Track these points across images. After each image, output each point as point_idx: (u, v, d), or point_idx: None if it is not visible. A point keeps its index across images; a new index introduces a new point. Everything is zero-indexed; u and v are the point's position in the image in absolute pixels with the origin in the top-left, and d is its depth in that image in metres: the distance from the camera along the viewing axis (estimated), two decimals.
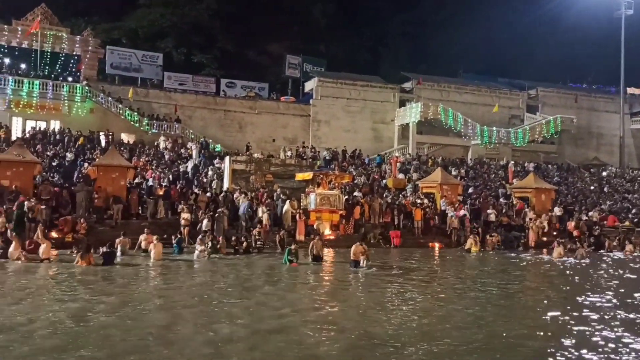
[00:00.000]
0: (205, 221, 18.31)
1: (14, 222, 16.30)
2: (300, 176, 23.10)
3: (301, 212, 20.59)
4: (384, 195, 25.00)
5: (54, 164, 23.74)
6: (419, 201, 24.34)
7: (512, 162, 35.62)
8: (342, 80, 38.88)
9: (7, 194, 18.00)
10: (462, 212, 22.92)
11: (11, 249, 14.22)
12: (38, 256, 14.13)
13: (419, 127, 37.53)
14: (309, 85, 40.23)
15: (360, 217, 21.99)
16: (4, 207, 16.89)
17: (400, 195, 25.70)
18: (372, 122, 38.75)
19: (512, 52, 52.42)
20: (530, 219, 24.14)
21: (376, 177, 29.47)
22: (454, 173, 30.45)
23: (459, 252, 20.08)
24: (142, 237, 16.45)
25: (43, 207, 17.20)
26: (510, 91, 43.18)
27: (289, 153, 30.57)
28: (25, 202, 16.98)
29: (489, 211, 24.06)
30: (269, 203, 20.90)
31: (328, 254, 17.25)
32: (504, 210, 25.10)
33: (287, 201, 21.00)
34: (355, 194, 24.57)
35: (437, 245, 21.43)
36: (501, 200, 27.25)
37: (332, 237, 20.20)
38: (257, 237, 18.09)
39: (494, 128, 38.47)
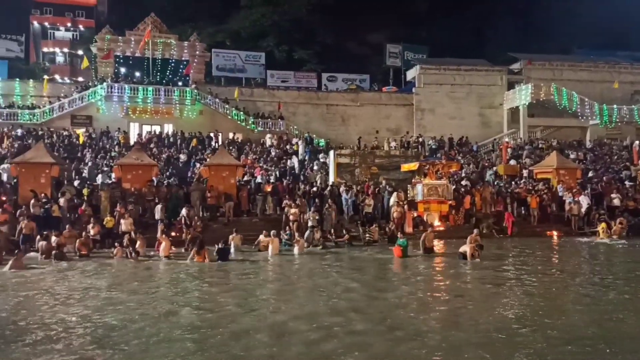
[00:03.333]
0: (312, 216, 18.21)
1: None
2: (405, 167, 22.34)
3: (408, 203, 19.87)
4: (495, 183, 23.48)
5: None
6: (533, 188, 22.57)
7: (638, 141, 31.63)
8: (445, 66, 37.18)
9: (128, 195, 19.25)
10: (581, 198, 21.12)
11: (137, 247, 15.11)
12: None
13: (530, 109, 34.85)
14: (411, 74, 39.06)
15: (470, 206, 20.87)
16: (129, 208, 18.05)
17: (513, 183, 24.01)
18: (479, 108, 36.58)
19: (634, 22, 46.58)
20: None
21: (486, 164, 27.83)
22: (571, 157, 28.33)
23: (578, 239, 18.62)
24: (260, 237, 16.25)
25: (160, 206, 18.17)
26: (631, 65, 38.56)
27: (393, 144, 29.75)
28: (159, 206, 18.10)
29: (612, 195, 21.82)
30: (374, 196, 20.39)
31: (438, 245, 16.51)
32: (629, 194, 22.55)
33: (394, 193, 20.33)
34: (464, 182, 23.26)
35: (555, 233, 19.86)
36: (626, 183, 24.52)
37: (441, 228, 19.45)
38: (367, 230, 17.67)
39: (615, 106, 34.52)
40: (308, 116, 35.64)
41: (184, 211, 17.81)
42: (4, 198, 18.32)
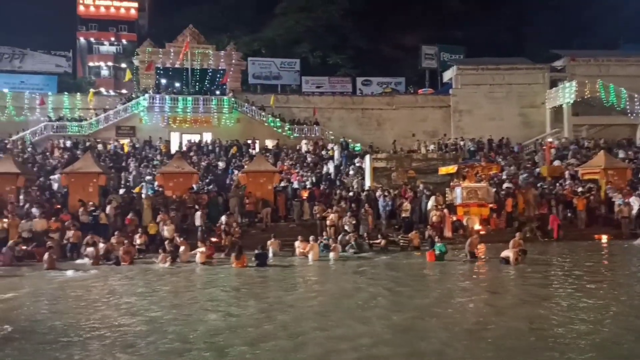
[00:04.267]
0: (348, 221, 18.19)
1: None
2: (443, 170, 22.01)
3: (446, 207, 19.57)
4: (538, 185, 22.77)
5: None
6: (580, 189, 21.74)
7: None
8: (483, 65, 36.39)
9: (170, 203, 19.76)
10: (632, 199, 20.13)
11: (181, 252, 15.49)
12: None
13: (575, 108, 33.56)
14: (447, 75, 38.47)
15: (512, 209, 20.27)
16: (171, 215, 18.53)
17: (557, 184, 23.23)
18: (519, 107, 35.58)
19: None
20: None
21: (528, 165, 27.06)
22: (620, 156, 27.07)
23: (629, 243, 17.72)
24: (296, 243, 16.52)
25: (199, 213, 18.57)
26: None
27: (430, 147, 29.36)
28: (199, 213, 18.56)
29: None
30: (412, 200, 20.17)
31: (480, 250, 16.07)
32: None
33: (432, 197, 20.05)
34: (506, 185, 22.68)
35: (604, 237, 18.95)
36: None
37: (482, 232, 18.86)
38: (405, 236, 17.50)
39: None
40: (343, 121, 35.64)
41: (223, 218, 18.13)
42: (58, 207, 19.21)
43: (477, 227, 19.04)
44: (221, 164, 27.02)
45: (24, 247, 16.31)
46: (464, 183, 20.12)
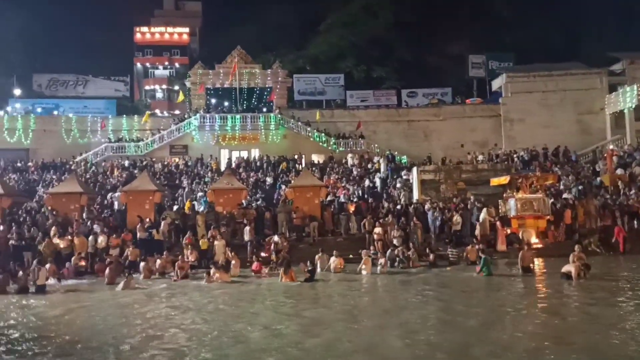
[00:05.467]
0: (396, 234, 17.90)
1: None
2: (495, 181, 21.33)
3: (500, 220, 18.89)
4: (599, 195, 21.56)
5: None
6: None
7: None
8: (534, 72, 35.27)
9: (221, 218, 20.18)
10: None
11: (232, 266, 15.80)
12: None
13: (638, 112, 31.75)
14: (496, 84, 37.53)
15: (572, 221, 19.27)
16: (221, 230, 18.90)
17: (622, 194, 21.90)
18: (575, 114, 34.10)
19: None
20: None
21: (588, 174, 25.76)
22: None
23: None
24: (332, 258, 16.26)
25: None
26: None
27: (480, 157, 28.58)
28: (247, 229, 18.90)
29: None
30: (463, 212, 19.62)
31: (537, 264, 15.37)
32: None
33: (484, 209, 19.42)
34: (565, 195, 21.66)
35: None
36: None
37: (539, 246, 18.10)
38: (454, 250, 17.03)
39: None
40: (389, 134, 35.40)
41: (276, 238, 18.08)
42: (115, 225, 20.07)
43: (533, 240, 18.25)
44: (269, 180, 27.40)
45: (84, 263, 17.08)
46: (518, 194, 19.42)
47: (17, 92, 40.39)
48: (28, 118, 35.11)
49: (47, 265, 15.53)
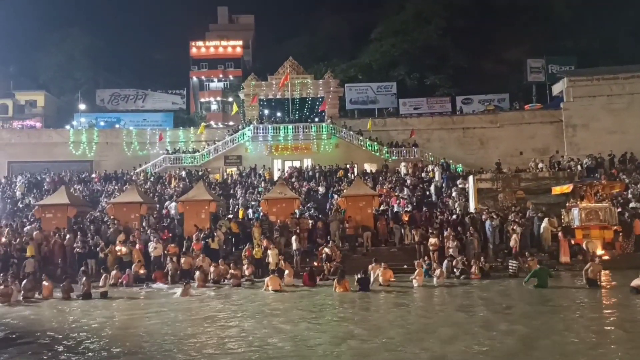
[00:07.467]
0: (452, 245, 17.41)
1: None
2: (557, 190, 20.41)
3: (562, 230, 18.01)
4: None
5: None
6: None
7: None
8: (598, 75, 33.58)
9: (275, 228, 20.34)
10: None
11: (286, 275, 15.90)
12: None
13: None
14: (557, 88, 36.12)
15: None
16: (275, 239, 19.04)
17: None
18: None
19: None
20: None
21: None
22: None
23: None
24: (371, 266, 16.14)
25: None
26: None
27: (540, 165, 27.42)
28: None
29: None
30: (522, 222, 18.83)
31: (604, 277, 14.44)
32: None
33: (545, 219, 18.59)
34: (632, 205, 20.39)
35: None
36: None
37: (606, 258, 17.06)
38: (517, 261, 16.35)
39: None
40: (443, 142, 34.70)
41: (326, 249, 18.03)
42: (169, 235, 20.68)
43: (599, 251, 17.26)
44: (321, 189, 27.42)
45: (143, 271, 17.67)
46: (582, 203, 18.58)
47: (82, 107, 42.79)
48: (92, 131, 37.09)
49: (113, 272, 16.23)
